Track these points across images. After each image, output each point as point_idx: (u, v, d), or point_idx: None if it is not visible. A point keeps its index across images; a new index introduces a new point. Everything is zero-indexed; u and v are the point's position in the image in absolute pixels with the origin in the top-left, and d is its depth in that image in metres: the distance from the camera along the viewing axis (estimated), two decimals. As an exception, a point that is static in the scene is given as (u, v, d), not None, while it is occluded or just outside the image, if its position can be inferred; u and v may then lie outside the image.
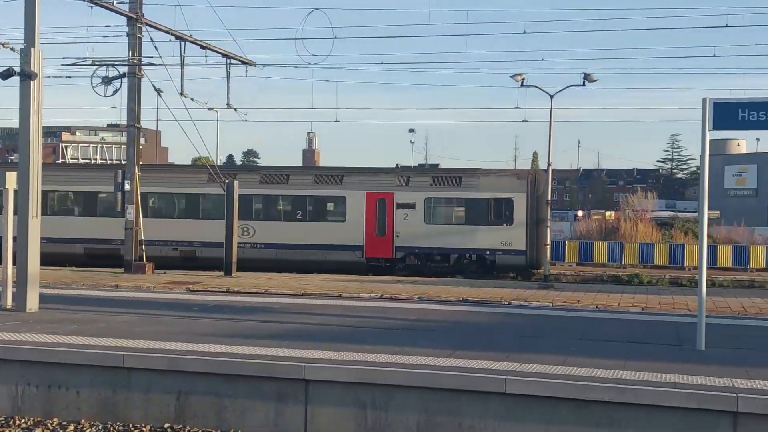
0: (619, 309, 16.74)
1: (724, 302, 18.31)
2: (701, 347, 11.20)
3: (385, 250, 28.03)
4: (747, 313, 16.75)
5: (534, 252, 27.73)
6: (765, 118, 11.04)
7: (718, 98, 11.31)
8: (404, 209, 28.05)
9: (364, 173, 29.08)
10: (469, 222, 27.82)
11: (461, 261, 27.83)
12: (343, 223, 28.14)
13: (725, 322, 14.87)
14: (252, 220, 28.29)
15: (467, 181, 28.18)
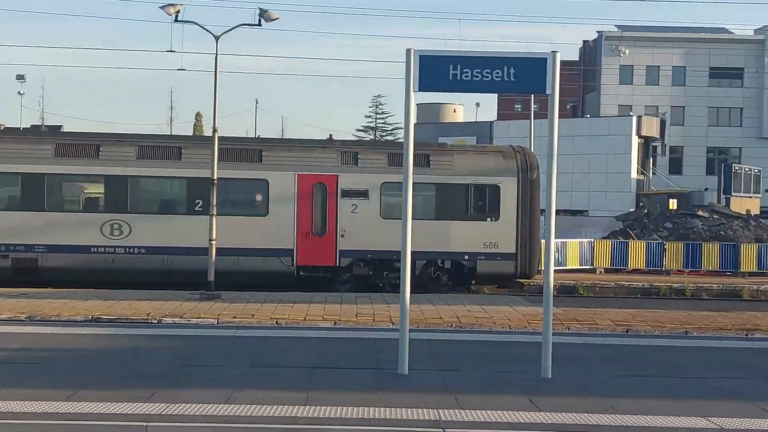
0: (304, 325, 17.29)
1: (436, 312, 19.60)
2: (404, 371, 11.87)
3: (325, 256, 26.38)
4: (461, 324, 18.06)
5: (526, 256, 26.93)
6: (481, 77, 11.88)
7: (426, 50, 12.01)
8: (352, 198, 26.47)
9: (293, 147, 27.56)
10: (441, 216, 26.59)
11: (430, 269, 26.77)
12: (263, 217, 26.22)
13: (433, 336, 15.89)
14: (126, 213, 25.70)
15: (438, 161, 27.11)
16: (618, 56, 77.11)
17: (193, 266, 24.96)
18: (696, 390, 11.54)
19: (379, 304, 20.60)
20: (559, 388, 11.27)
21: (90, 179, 26.30)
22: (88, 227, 25.17)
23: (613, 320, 19.12)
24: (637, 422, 9.49)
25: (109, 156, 25.67)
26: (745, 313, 20.95)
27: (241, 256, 25.50)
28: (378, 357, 13.35)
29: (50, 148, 26.02)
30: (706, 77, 77.37)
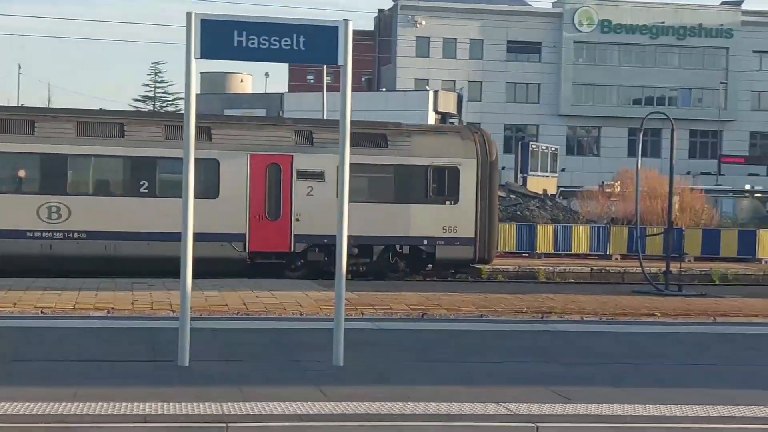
0: (73, 314, 16.89)
1: (221, 299, 19.47)
2: (184, 362, 11.74)
3: (279, 241, 26.01)
4: (249, 311, 18.03)
5: (485, 241, 27.17)
6: (269, 45, 11.82)
7: (209, 14, 11.86)
8: (308, 180, 26.13)
9: (245, 125, 27.20)
10: (399, 199, 26.46)
11: (387, 255, 26.69)
12: (214, 200, 25.27)
13: (218, 325, 15.82)
14: (64, 194, 24.81)
15: (395, 141, 26.97)
16: (414, 27, 78.38)
17: (135, 252, 24.82)
18: (490, 375, 11.88)
19: (158, 290, 20.33)
20: (352, 377, 11.40)
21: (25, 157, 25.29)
22: (25, 210, 24.46)
23: (409, 305, 19.51)
24: (431, 410, 9.69)
25: (43, 131, 24.80)
26: (540, 296, 21.77)
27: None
28: (156, 348, 13.18)
29: None
30: (504, 51, 79.65)
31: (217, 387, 10.52)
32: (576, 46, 79.77)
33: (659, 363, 13.44)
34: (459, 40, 79.28)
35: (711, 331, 17.26)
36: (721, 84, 78.72)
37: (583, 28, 79.51)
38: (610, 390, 11.11)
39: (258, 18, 11.94)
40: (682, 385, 11.59)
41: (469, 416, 9.52)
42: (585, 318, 18.78)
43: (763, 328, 17.88)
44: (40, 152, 24.93)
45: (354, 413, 9.47)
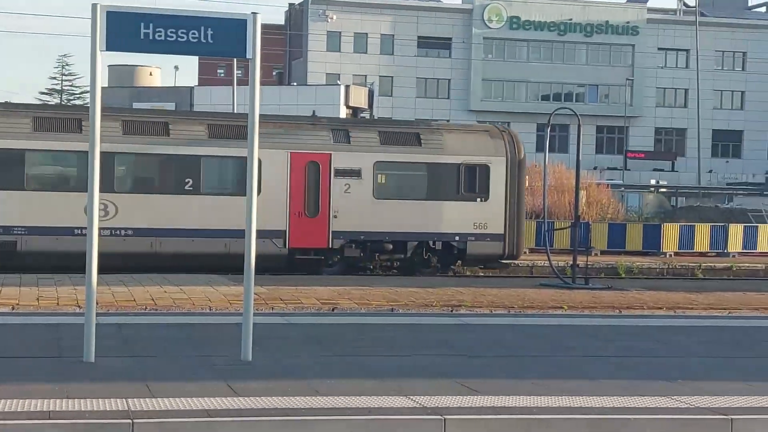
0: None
1: (129, 294, 19.22)
2: (90, 358, 11.57)
3: (318, 238, 26.76)
4: (157, 306, 17.83)
5: (514, 237, 27.94)
6: (176, 38, 11.68)
7: (114, 6, 11.68)
8: (345, 178, 26.85)
9: (284, 124, 27.63)
10: (432, 196, 27.05)
11: (421, 251, 27.35)
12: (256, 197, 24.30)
13: (125, 320, 15.62)
14: (111, 192, 24.62)
15: (428, 139, 27.64)
16: (325, 21, 78.32)
17: (180, 249, 25.45)
18: (400, 368, 11.90)
19: (65, 286, 20.00)
20: (260, 371, 11.33)
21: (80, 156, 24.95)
22: (72, 208, 24.17)
23: (320, 299, 19.47)
24: (340, 404, 9.68)
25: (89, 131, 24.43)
26: (450, 289, 21.87)
27: (231, 237, 25.26)
28: (62, 344, 12.96)
29: (28, 121, 25.53)
30: (415, 47, 80.00)
31: (123, 383, 10.39)
32: (485, 42, 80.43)
33: (566, 355, 13.58)
34: (370, 35, 79.44)
35: (616, 323, 17.49)
36: (627, 80, 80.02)
37: (493, 24, 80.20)
38: (518, 382, 11.20)
39: (165, 10, 11.81)
40: (589, 376, 11.73)
41: (378, 410, 9.52)
42: (494, 311, 18.90)
43: (666, 320, 18.19)
44: (87, 150, 24.57)
45: (262, 408, 9.42)
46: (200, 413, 9.17)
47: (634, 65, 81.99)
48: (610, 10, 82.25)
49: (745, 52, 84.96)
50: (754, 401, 10.46)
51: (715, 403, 10.26)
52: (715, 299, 21.63)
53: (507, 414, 9.59)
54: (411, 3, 79.96)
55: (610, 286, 24.09)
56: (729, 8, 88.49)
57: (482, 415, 9.52)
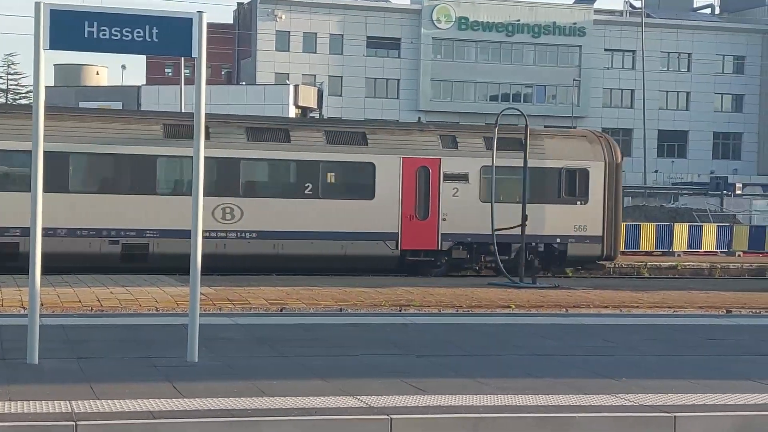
0: None
1: (74, 295, 19.05)
2: (34, 360, 11.44)
3: (428, 240, 27.55)
4: (103, 308, 17.68)
5: (611, 239, 29.03)
6: (120, 36, 11.58)
7: (58, 4, 11.56)
8: (453, 182, 27.72)
9: (395, 130, 28.56)
10: (535, 200, 27.22)
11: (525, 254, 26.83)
12: (370, 201, 27.06)
13: (70, 322, 15.46)
14: (237, 196, 26.27)
15: (531, 145, 27.61)
16: (274, 21, 78.12)
17: (299, 251, 26.50)
18: (349, 368, 11.88)
19: (9, 287, 19.78)
20: (206, 373, 11.26)
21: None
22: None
23: (267, 299, 19.41)
24: (287, 404, 9.63)
25: (217, 138, 25.69)
26: (399, 289, 21.90)
27: (347, 240, 26.89)
28: (5, 346, 12.79)
29: (159, 128, 26.45)
30: (364, 47, 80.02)
31: (67, 385, 10.27)
32: (434, 42, 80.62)
33: (513, 354, 13.63)
34: (319, 34, 79.35)
35: (563, 322, 17.60)
36: (574, 81, 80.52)
37: (441, 25, 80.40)
38: (465, 381, 11.21)
39: (110, 9, 11.70)
40: (535, 375, 11.77)
41: (325, 410, 9.49)
42: (442, 310, 18.95)
43: (612, 319, 18.31)
44: (215, 156, 25.28)
45: (208, 409, 9.35)
46: (144, 414, 9.09)
47: (580, 66, 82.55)
48: (557, 11, 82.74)
49: (691, 53, 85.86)
50: (697, 399, 10.56)
51: (659, 401, 10.34)
52: (660, 298, 21.83)
53: (454, 413, 9.60)
54: (360, 3, 79.96)
55: (557, 285, 24.22)
56: (674, 9, 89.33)
57: (429, 414, 9.51)
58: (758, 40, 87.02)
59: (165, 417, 9.04)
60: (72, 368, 11.37)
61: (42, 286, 12.29)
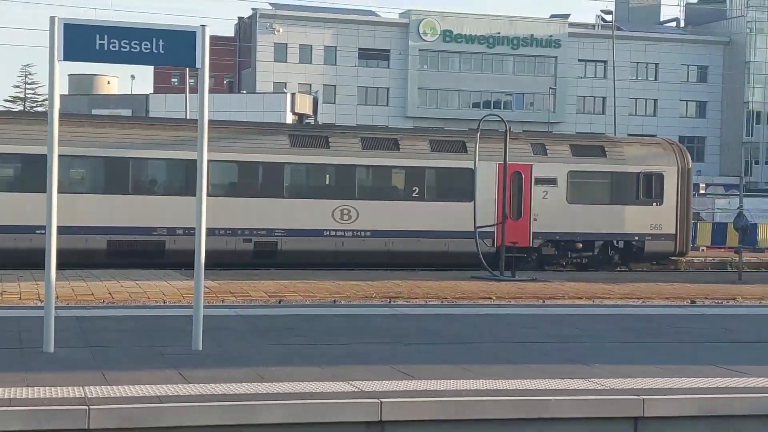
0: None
1: (87, 289, 19.01)
2: (50, 349, 11.42)
3: (521, 237, 28.24)
4: (114, 300, 17.65)
5: (683, 236, 29.97)
6: (129, 48, 11.57)
7: (71, 19, 11.55)
8: (543, 185, 28.67)
9: (492, 139, 28.90)
10: (615, 201, 28.81)
11: (606, 249, 29.29)
12: (470, 203, 27.11)
13: (84, 313, 15.44)
14: (353, 199, 27.30)
15: (612, 151, 29.60)
16: (272, 34, 78.02)
17: (406, 248, 27.50)
18: (342, 356, 11.88)
19: (27, 281, 19.74)
20: (209, 360, 11.25)
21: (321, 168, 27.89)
22: (322, 213, 26.57)
23: (267, 292, 19.41)
24: (284, 389, 9.63)
25: (337, 147, 27.25)
26: (388, 282, 21.92)
27: (450, 238, 27.77)
28: (23, 336, 12.77)
29: (286, 138, 27.61)
30: (356, 58, 79.96)
31: (80, 372, 10.25)
32: (421, 54, 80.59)
33: (493, 342, 13.65)
34: (314, 46, 79.26)
35: (540, 312, 17.62)
36: (550, 89, 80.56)
37: (427, 37, 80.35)
38: (450, 367, 11.22)
39: (119, 23, 11.69)
40: (514, 361, 11.79)
41: (319, 394, 9.48)
42: (428, 302, 18.97)
43: (585, 309, 18.34)
44: (334, 163, 26.98)
45: (211, 394, 9.34)
46: (153, 399, 9.08)
47: (556, 75, 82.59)
48: (534, 24, 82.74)
49: (658, 63, 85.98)
50: (663, 382, 10.57)
51: (628, 385, 10.36)
52: (629, 290, 21.88)
53: (439, 397, 9.60)
54: (352, 17, 79.84)
55: (534, 278, 24.25)
56: (643, 23, 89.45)
57: (416, 398, 9.52)
58: (720, 51, 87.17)
59: (171, 401, 9.03)
60: (85, 356, 11.36)
61: (57, 280, 12.29)
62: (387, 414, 9.22)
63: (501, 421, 9.50)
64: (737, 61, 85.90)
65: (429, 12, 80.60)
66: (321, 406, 9.18)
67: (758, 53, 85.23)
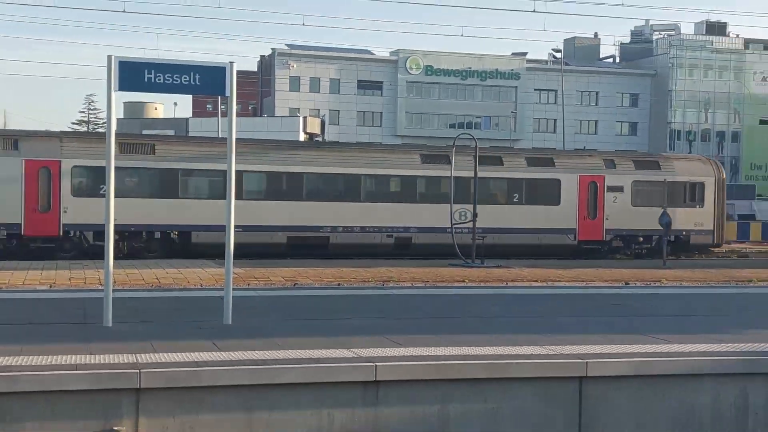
0: (22, 288, 16.21)
1: (139, 275, 18.94)
2: (108, 324, 11.38)
3: (596, 233, 29.54)
4: (160, 284, 17.59)
5: (720, 232, 31.11)
6: (171, 81, 11.55)
7: (124, 57, 11.51)
8: (613, 192, 29.75)
9: (573, 156, 31.03)
10: (669, 204, 28.98)
11: (661, 242, 29.37)
12: (557, 206, 29.07)
13: (136, 295, 15.39)
14: (469, 203, 27.16)
15: (665, 165, 30.83)
16: (288, 69, 77.88)
17: (510, 241, 28.06)
18: (344, 328, 11.86)
19: (90, 269, 19.68)
20: (238, 332, 11.22)
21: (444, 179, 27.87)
22: (445, 213, 26.54)
23: (284, 276, 19.35)
24: (297, 356, 9.63)
25: (458, 162, 27.25)
26: (382, 268, 21.83)
27: (542, 234, 28.85)
28: (87, 313, 12.74)
29: (417, 156, 28.71)
30: (355, 88, 79.91)
31: (133, 342, 10.23)
32: (408, 84, 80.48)
33: (466, 316, 13.63)
34: (322, 78, 79.13)
35: (504, 292, 17.60)
36: (512, 113, 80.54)
37: (413, 71, 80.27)
38: (431, 337, 11.21)
39: (163, 60, 11.67)
40: (483, 332, 11.78)
41: (326, 359, 9.47)
42: (414, 284, 18.92)
43: (540, 290, 18.31)
44: (457, 176, 26.89)
45: (239, 359, 9.33)
46: (191, 364, 9.07)
47: (516, 101, 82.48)
48: (499, 60, 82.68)
49: (598, 92, 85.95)
50: (603, 348, 10.57)
51: (574, 351, 10.35)
52: (576, 274, 21.86)
53: (423, 360, 9.59)
54: (352, 55, 79.77)
55: (500, 265, 24.18)
56: (586, 59, 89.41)
57: (405, 362, 9.51)
58: (648, 81, 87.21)
59: (207, 366, 9.01)
60: (137, 330, 11.33)
61: (114, 268, 12.23)
62: (381, 375, 9.21)
63: (473, 380, 9.50)
64: (661, 89, 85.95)
65: (414, 51, 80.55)
66: (328, 369, 9.17)
67: (678, 83, 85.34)
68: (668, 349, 10.66)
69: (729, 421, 10.13)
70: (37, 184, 24.42)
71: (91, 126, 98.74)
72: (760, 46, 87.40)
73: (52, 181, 24.62)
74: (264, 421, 8.90)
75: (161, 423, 8.63)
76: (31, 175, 24.42)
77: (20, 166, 24.36)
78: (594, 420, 9.78)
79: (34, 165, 24.49)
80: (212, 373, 8.84)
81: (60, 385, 8.39)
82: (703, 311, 14.98)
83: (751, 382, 10.17)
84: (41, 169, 24.53)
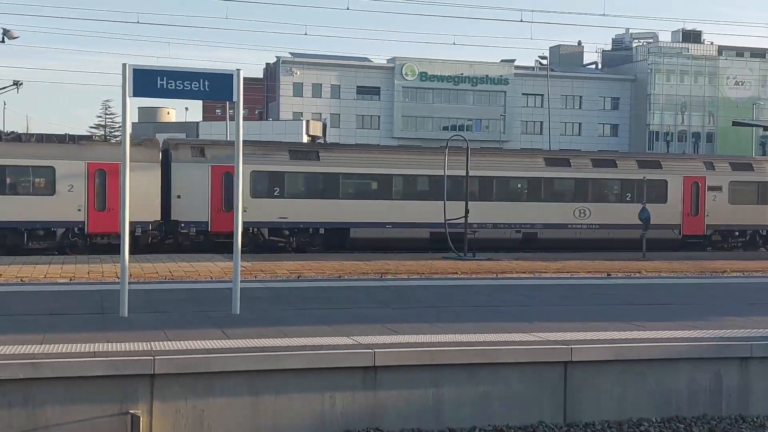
0: (44, 281, 16.20)
1: (153, 269, 18.94)
2: (124, 314, 11.38)
3: (698, 228, 30.37)
4: (173, 277, 17.58)
5: None
6: (182, 87, 11.54)
7: (138, 65, 11.50)
8: (713, 191, 30.55)
9: (678, 159, 32.06)
10: (761, 202, 30.33)
11: (754, 236, 30.94)
12: (664, 204, 29.79)
13: (151, 287, 15.38)
14: (587, 202, 29.07)
15: (758, 167, 31.41)
16: (292, 75, 77.81)
17: (621, 236, 28.93)
18: (344, 317, 11.86)
19: (108, 264, 19.67)
20: (245, 321, 11.23)
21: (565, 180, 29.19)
22: (566, 212, 28.42)
23: (289, 269, 19.35)
24: (301, 343, 9.63)
25: (576, 165, 29.06)
26: (380, 261, 21.84)
27: (651, 229, 27.96)
28: (104, 305, 12.74)
29: (541, 160, 29.30)
30: (355, 93, 79.87)
31: (147, 331, 10.23)
32: (404, 89, 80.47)
33: (459, 306, 13.62)
34: (323, 84, 79.09)
35: (494, 283, 17.58)
36: (501, 116, 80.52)
37: (408, 77, 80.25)
38: (426, 325, 11.22)
39: (174, 68, 11.65)
40: (474, 320, 11.78)
41: (328, 346, 9.48)
42: (410, 276, 18.91)
43: (528, 281, 18.29)
44: (574, 177, 29.02)
45: (246, 347, 9.33)
46: (202, 350, 9.07)
47: (505, 105, 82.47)
48: (488, 66, 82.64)
49: (581, 95, 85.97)
50: (586, 335, 10.59)
51: (560, 337, 10.37)
52: (561, 265, 21.86)
53: (418, 347, 9.60)
54: (351, 62, 79.72)
55: (490, 258, 24.19)
56: (570, 65, 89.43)
57: (401, 349, 9.52)
58: (628, 86, 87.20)
59: (216, 353, 9.02)
60: (151, 319, 11.33)
61: (130, 262, 12.22)
62: (379, 360, 9.22)
63: (465, 365, 9.51)
64: (641, 93, 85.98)
65: (409, 58, 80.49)
66: (329, 355, 9.18)
67: (657, 87, 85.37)
68: (647, 335, 10.68)
69: (704, 403, 10.15)
70: (222, 187, 25.35)
71: (108, 129, 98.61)
72: (732, 53, 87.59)
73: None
74: (270, 404, 8.91)
75: (174, 406, 8.64)
76: (216, 179, 25.42)
77: (207, 172, 25.36)
78: (578, 402, 9.80)
79: (218, 170, 25.49)
80: (221, 360, 8.85)
81: (79, 371, 8.40)
82: (679, 300, 15.00)
83: (724, 366, 10.20)
84: (224, 173, 25.40)
